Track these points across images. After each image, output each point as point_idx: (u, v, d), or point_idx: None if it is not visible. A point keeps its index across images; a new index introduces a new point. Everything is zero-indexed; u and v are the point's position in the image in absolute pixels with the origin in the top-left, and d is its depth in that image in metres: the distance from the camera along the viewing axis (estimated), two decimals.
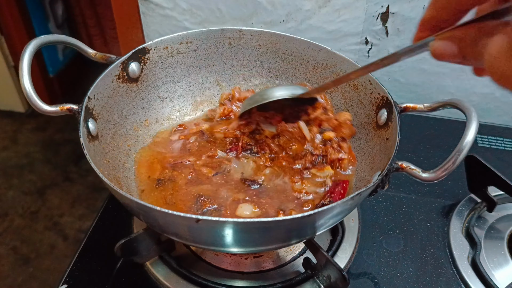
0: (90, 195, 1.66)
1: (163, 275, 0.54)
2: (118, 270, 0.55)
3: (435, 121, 0.82)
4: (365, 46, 0.86)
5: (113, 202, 0.64)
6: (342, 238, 0.59)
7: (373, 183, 0.43)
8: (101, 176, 0.42)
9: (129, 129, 0.61)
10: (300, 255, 0.58)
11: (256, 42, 0.67)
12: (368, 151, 0.58)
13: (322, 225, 0.45)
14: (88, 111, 0.51)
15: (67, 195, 1.66)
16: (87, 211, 1.59)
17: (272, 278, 0.54)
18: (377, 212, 0.65)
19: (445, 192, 0.68)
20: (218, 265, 0.56)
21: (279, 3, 0.81)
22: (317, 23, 0.83)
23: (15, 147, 1.86)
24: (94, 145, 0.51)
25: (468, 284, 0.55)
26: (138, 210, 0.43)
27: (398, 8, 0.80)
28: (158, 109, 0.66)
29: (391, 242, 0.61)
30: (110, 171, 0.53)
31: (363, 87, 0.60)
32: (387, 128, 0.54)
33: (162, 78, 0.66)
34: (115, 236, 0.49)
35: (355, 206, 0.55)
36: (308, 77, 0.67)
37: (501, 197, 0.64)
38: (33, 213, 1.58)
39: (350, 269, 0.57)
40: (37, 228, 1.53)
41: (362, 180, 0.56)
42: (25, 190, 1.67)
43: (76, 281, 0.54)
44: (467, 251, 0.59)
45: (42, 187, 1.69)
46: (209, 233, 0.42)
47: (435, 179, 0.45)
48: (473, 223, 0.63)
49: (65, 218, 1.57)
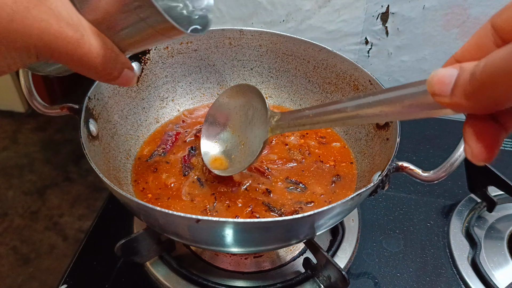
0: (90, 195, 1.66)
1: (163, 275, 0.54)
2: (118, 270, 0.55)
3: (435, 121, 0.82)
4: (365, 46, 0.86)
5: (113, 202, 0.64)
6: (342, 238, 0.59)
7: (373, 184, 0.43)
8: (101, 176, 0.42)
9: (129, 129, 0.61)
10: (300, 255, 0.58)
11: (256, 42, 0.67)
12: (368, 151, 0.58)
13: (322, 225, 0.45)
14: (88, 111, 0.51)
15: (67, 195, 1.66)
16: (87, 211, 1.59)
17: (272, 278, 0.54)
18: (377, 212, 0.65)
19: (445, 192, 0.68)
20: (218, 265, 0.56)
21: (279, 3, 0.81)
22: (317, 23, 0.83)
23: (15, 147, 1.86)
24: (94, 145, 0.51)
25: (468, 284, 0.55)
26: (138, 210, 0.43)
27: (398, 8, 0.80)
28: (158, 109, 0.66)
29: (391, 242, 0.61)
30: (110, 171, 0.53)
31: (363, 87, 0.60)
32: (387, 128, 0.54)
33: (163, 78, 0.66)
34: (115, 236, 0.49)
35: (355, 206, 0.55)
36: (308, 77, 0.67)
37: (501, 197, 0.64)
38: (33, 213, 1.58)
39: (350, 269, 0.57)
40: (37, 228, 1.53)
41: (362, 180, 0.56)
42: (25, 190, 1.67)
43: (76, 281, 0.54)
44: (467, 251, 0.59)
45: (42, 187, 1.69)
46: (209, 233, 0.42)
47: (435, 179, 0.45)
48: (473, 223, 0.63)
49: (65, 218, 1.57)
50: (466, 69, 0.23)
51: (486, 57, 0.21)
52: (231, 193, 0.54)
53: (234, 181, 0.55)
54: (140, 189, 0.55)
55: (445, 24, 0.81)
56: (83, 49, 0.31)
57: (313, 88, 0.67)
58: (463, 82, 0.23)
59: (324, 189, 0.56)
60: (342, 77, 0.63)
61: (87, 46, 0.32)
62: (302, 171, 0.58)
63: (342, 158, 0.61)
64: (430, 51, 0.85)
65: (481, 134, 0.25)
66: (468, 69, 0.23)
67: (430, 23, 0.81)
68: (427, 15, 0.80)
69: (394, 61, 0.88)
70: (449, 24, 0.80)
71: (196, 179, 0.55)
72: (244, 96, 0.53)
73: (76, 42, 0.31)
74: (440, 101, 0.24)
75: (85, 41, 0.31)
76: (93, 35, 0.32)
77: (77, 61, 0.32)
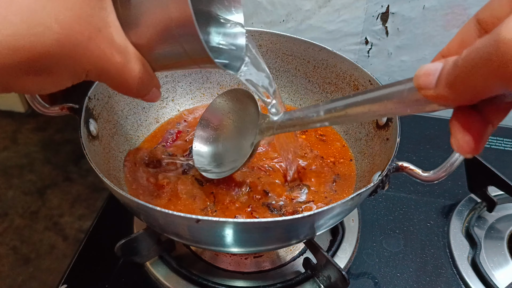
0: (90, 195, 1.65)
1: (163, 275, 0.54)
2: (118, 270, 0.55)
3: (435, 121, 0.82)
4: (365, 46, 0.86)
5: (113, 202, 0.64)
6: (342, 238, 0.59)
7: (373, 184, 0.43)
8: (101, 176, 0.42)
9: (129, 129, 0.61)
10: (300, 255, 0.58)
11: (256, 42, 0.67)
12: (368, 151, 0.58)
13: (322, 225, 0.45)
14: (88, 111, 0.51)
15: (67, 195, 1.66)
16: (87, 211, 1.59)
17: (272, 278, 0.54)
18: (377, 212, 0.65)
19: (445, 192, 0.68)
20: (218, 265, 0.56)
21: (279, 3, 0.81)
22: (317, 23, 0.83)
23: (15, 147, 1.86)
24: (94, 145, 0.51)
25: (468, 284, 0.55)
26: (138, 210, 0.43)
27: (398, 8, 0.80)
28: (158, 109, 0.66)
29: (391, 242, 0.61)
30: (110, 171, 0.53)
31: (363, 87, 0.60)
32: (387, 128, 0.54)
33: (163, 78, 0.66)
34: (115, 236, 0.49)
35: (355, 207, 0.55)
36: (308, 77, 0.67)
37: (501, 197, 0.64)
38: (33, 213, 1.58)
39: (350, 269, 0.57)
40: (37, 228, 1.53)
41: (362, 180, 0.56)
42: (25, 190, 1.67)
43: (76, 281, 0.54)
44: (467, 251, 0.59)
45: (42, 187, 1.68)
46: (209, 233, 0.42)
47: (435, 179, 0.45)
48: (473, 223, 0.63)
49: (65, 218, 1.57)
50: (449, 61, 0.24)
51: (468, 47, 0.22)
52: (231, 192, 0.54)
53: (234, 180, 0.55)
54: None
55: (445, 24, 0.81)
56: (126, 74, 0.33)
57: (313, 88, 0.67)
58: (446, 72, 0.24)
59: (324, 189, 0.56)
60: (342, 77, 0.63)
61: (130, 71, 0.33)
62: (304, 169, 0.58)
63: (341, 155, 0.61)
64: (430, 51, 0.85)
65: (467, 127, 0.26)
66: (451, 59, 0.23)
67: (430, 23, 0.81)
68: (427, 15, 0.80)
69: (394, 61, 0.88)
70: (449, 24, 0.80)
71: (195, 180, 0.55)
72: (238, 101, 0.54)
73: (122, 67, 0.32)
74: (426, 94, 0.25)
75: (130, 66, 0.33)
76: (137, 60, 0.34)
77: (118, 83, 0.33)
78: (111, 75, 0.32)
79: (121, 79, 0.33)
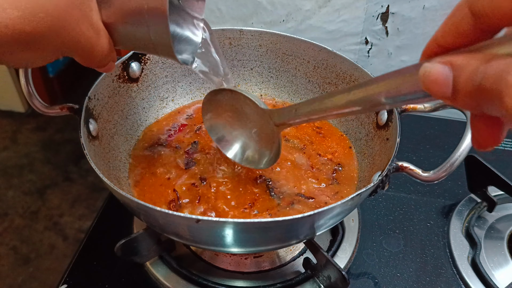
0: (90, 195, 1.66)
1: (163, 275, 0.54)
2: (118, 270, 0.55)
3: (435, 121, 0.82)
4: (365, 46, 0.86)
5: (113, 202, 0.64)
6: (342, 238, 0.59)
7: (373, 184, 0.43)
8: (101, 176, 0.42)
9: (129, 129, 0.61)
10: (300, 255, 0.58)
11: (256, 42, 0.67)
12: (368, 151, 0.58)
13: (322, 226, 0.45)
14: (88, 111, 0.51)
15: (67, 195, 1.66)
16: (87, 211, 1.59)
17: (272, 278, 0.54)
18: (377, 212, 0.65)
19: (445, 192, 0.68)
20: (218, 265, 0.56)
21: (279, 3, 0.81)
22: (317, 23, 0.83)
23: (15, 147, 1.86)
24: (94, 145, 0.51)
25: (468, 284, 0.55)
26: (138, 210, 0.43)
27: (398, 8, 0.80)
28: (158, 109, 0.66)
29: (391, 242, 0.61)
30: (110, 171, 0.53)
31: None
32: (387, 128, 0.54)
33: (163, 78, 0.66)
34: (115, 236, 0.49)
35: (355, 207, 0.55)
36: (308, 77, 0.67)
37: (501, 197, 0.64)
38: (33, 213, 1.58)
39: (350, 269, 0.57)
40: (37, 228, 1.53)
41: (362, 180, 0.56)
42: (25, 190, 1.67)
43: (76, 281, 0.54)
44: (467, 251, 0.59)
45: (42, 187, 1.69)
46: (209, 233, 0.42)
47: (435, 179, 0.45)
48: (473, 223, 0.63)
49: (65, 218, 1.57)
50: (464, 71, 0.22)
51: (486, 65, 0.21)
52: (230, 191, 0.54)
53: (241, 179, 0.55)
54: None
55: None
56: (95, 49, 0.36)
57: (313, 88, 0.68)
58: (463, 86, 0.23)
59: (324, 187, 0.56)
60: (342, 77, 0.63)
61: (99, 47, 0.37)
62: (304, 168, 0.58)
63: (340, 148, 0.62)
64: None
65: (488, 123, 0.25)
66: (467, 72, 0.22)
67: (430, 23, 0.81)
68: (427, 15, 0.80)
69: (394, 61, 0.88)
70: None
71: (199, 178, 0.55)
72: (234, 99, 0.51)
73: (95, 44, 0.36)
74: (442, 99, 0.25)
75: (99, 42, 0.37)
76: (105, 37, 0.37)
77: (86, 57, 0.37)
78: (84, 51, 0.36)
79: (90, 54, 0.36)
